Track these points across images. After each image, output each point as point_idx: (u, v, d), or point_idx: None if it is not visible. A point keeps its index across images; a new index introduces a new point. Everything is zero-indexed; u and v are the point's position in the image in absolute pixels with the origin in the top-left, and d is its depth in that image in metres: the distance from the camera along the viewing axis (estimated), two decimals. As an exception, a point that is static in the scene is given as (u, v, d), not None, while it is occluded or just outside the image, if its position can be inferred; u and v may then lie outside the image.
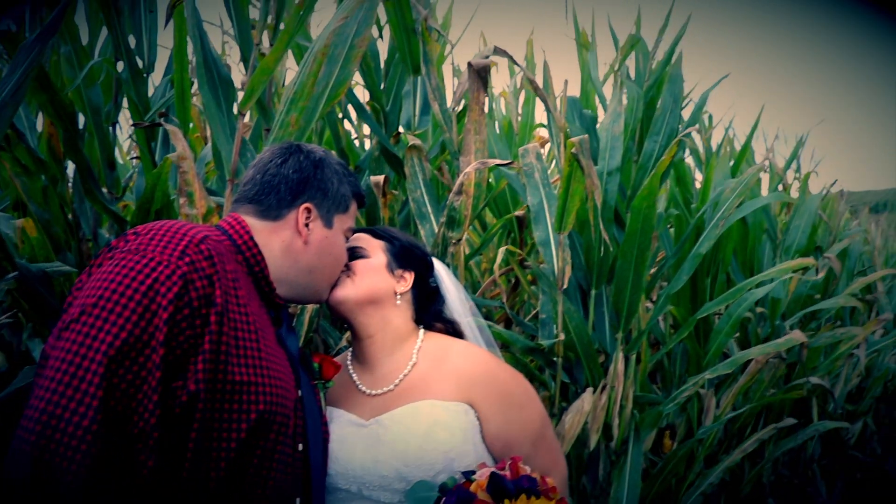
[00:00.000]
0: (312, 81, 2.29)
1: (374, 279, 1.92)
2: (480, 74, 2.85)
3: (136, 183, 3.30)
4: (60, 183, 2.92)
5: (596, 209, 2.87)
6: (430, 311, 2.02)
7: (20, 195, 2.83)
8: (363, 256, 1.94)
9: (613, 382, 3.10)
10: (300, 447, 1.72)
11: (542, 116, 4.56)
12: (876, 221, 10.04)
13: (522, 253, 3.75)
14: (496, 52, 2.92)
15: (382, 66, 3.50)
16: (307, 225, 1.77)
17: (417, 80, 3.36)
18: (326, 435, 1.85)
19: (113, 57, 2.95)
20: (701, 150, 5.12)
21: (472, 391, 1.86)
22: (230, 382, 1.53)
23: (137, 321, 1.43)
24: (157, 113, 2.97)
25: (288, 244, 1.76)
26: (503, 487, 1.62)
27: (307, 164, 1.79)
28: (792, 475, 5.45)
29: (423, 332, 1.98)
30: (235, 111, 2.50)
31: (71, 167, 2.91)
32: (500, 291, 3.95)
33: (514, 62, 3.00)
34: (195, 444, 1.49)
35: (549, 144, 4.08)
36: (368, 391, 1.93)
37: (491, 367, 1.92)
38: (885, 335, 6.54)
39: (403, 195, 3.37)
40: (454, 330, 2.03)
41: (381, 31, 3.53)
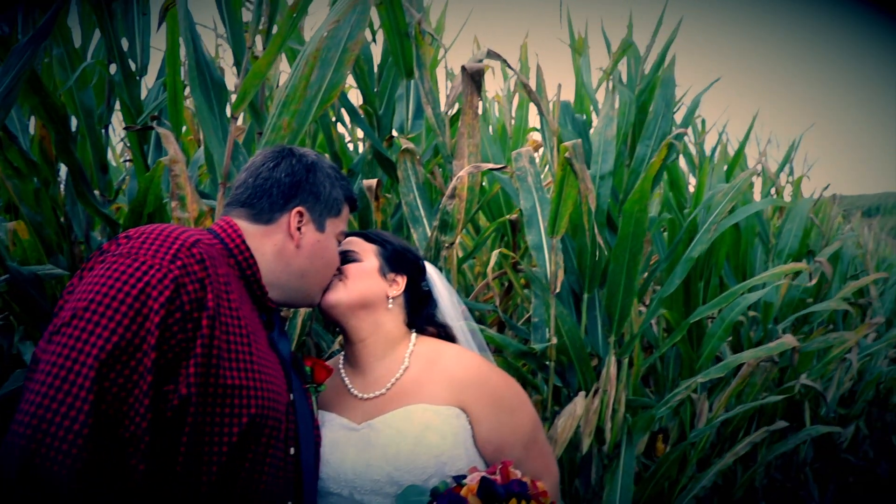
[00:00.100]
0: (304, 85, 2.29)
1: (366, 283, 1.92)
2: (474, 78, 2.85)
3: (128, 186, 3.30)
4: (52, 185, 2.91)
5: (590, 213, 2.87)
6: (422, 314, 2.01)
7: (12, 197, 2.82)
8: (355, 260, 1.94)
9: (606, 386, 3.10)
10: (292, 451, 1.72)
11: (535, 120, 4.57)
12: (868, 225, 10.07)
13: (516, 256, 3.75)
14: (490, 55, 2.92)
15: (376, 69, 3.49)
16: (299, 228, 1.76)
17: (411, 83, 3.35)
18: (318, 439, 1.85)
19: (106, 59, 2.95)
20: (694, 153, 5.14)
21: (463, 395, 1.86)
22: (222, 386, 1.53)
23: (129, 325, 1.43)
24: (149, 116, 2.96)
25: (280, 248, 1.76)
26: (494, 492, 1.62)
27: (299, 167, 1.79)
28: (784, 479, 5.46)
29: (415, 335, 1.98)
30: (229, 114, 2.49)
31: (63, 170, 2.90)
32: (493, 295, 3.95)
33: (507, 66, 3.00)
34: (187, 447, 1.49)
35: (542, 148, 4.08)
36: (360, 395, 1.92)
37: (483, 371, 1.92)
38: (877, 339, 6.55)
39: (396, 199, 3.37)
40: (446, 334, 2.02)
41: (374, 34, 3.54)
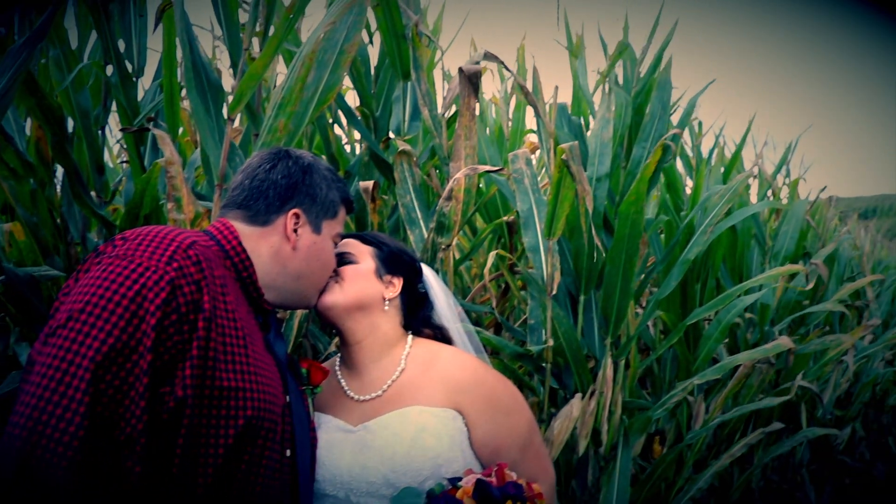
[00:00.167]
0: (301, 86, 2.29)
1: (362, 285, 1.92)
2: (472, 80, 2.85)
3: (125, 187, 3.29)
4: (49, 187, 2.90)
5: (587, 214, 2.87)
6: (418, 316, 2.02)
7: (8, 199, 2.81)
8: (351, 262, 1.94)
9: (602, 388, 3.10)
10: (288, 453, 1.72)
11: (533, 122, 4.57)
12: (865, 227, 10.10)
13: (512, 258, 3.75)
14: (487, 57, 2.92)
15: (373, 71, 3.49)
16: (296, 230, 1.76)
17: (407, 85, 3.35)
18: (314, 441, 1.85)
19: (102, 61, 2.94)
20: (691, 156, 5.14)
21: (459, 397, 1.86)
22: (218, 388, 1.53)
23: (125, 327, 1.42)
24: (145, 118, 2.96)
25: (276, 250, 1.75)
26: (489, 494, 1.62)
27: (296, 169, 1.79)
28: (781, 480, 5.47)
29: (411, 337, 1.98)
30: (225, 116, 2.49)
31: (60, 171, 2.90)
32: (489, 297, 3.95)
33: (505, 67, 3.00)
34: (183, 449, 1.49)
35: (539, 150, 4.08)
36: (356, 397, 1.92)
37: (479, 373, 1.92)
38: (873, 341, 6.56)
39: (393, 200, 3.37)
40: (443, 336, 2.03)
41: (371, 36, 3.53)
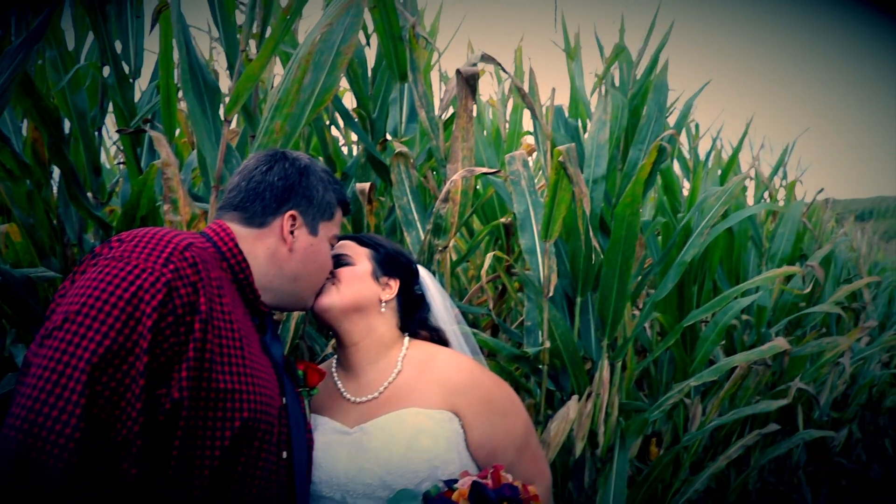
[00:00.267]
0: (297, 88, 2.29)
1: (358, 287, 1.92)
2: (469, 82, 2.85)
3: (121, 188, 3.29)
4: (45, 188, 2.90)
5: (584, 216, 2.87)
6: (415, 318, 2.01)
7: (4, 200, 2.81)
8: (348, 264, 1.94)
9: (599, 390, 3.10)
10: (284, 455, 1.72)
11: (530, 124, 4.56)
12: (861, 229, 10.11)
13: (510, 260, 3.75)
14: (484, 59, 2.92)
15: (370, 72, 3.49)
16: (292, 232, 1.76)
17: (404, 87, 3.35)
18: (311, 442, 1.85)
19: (99, 62, 2.94)
20: (689, 158, 5.15)
21: (456, 399, 1.86)
22: (214, 390, 1.53)
23: (121, 329, 1.42)
24: (142, 119, 2.96)
25: (273, 251, 1.76)
26: (485, 496, 1.62)
27: (292, 171, 1.79)
28: (777, 482, 5.47)
29: (408, 339, 1.98)
30: (222, 117, 2.49)
31: (56, 172, 2.89)
32: (486, 298, 3.95)
33: (502, 69, 3.00)
34: (179, 451, 1.49)
35: (535, 152, 4.09)
36: (353, 399, 1.92)
37: (475, 375, 1.92)
38: (870, 343, 6.57)
39: (390, 202, 3.37)
40: (439, 338, 2.02)
41: (368, 38, 3.53)
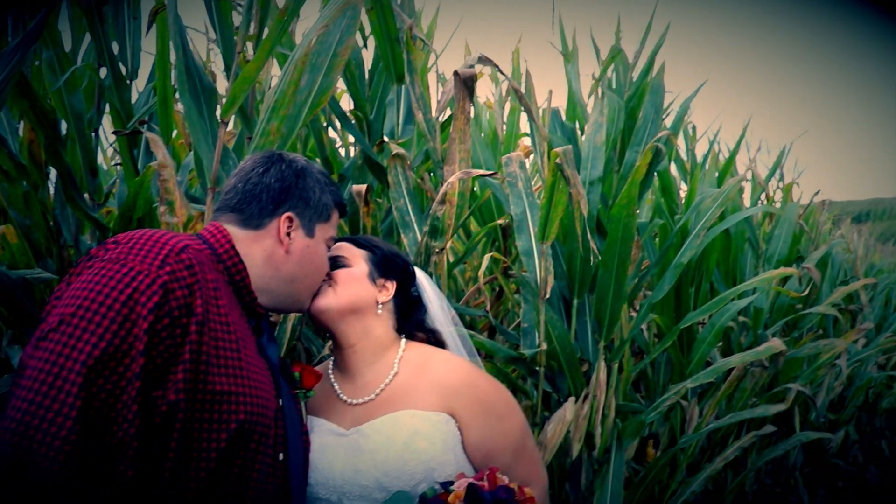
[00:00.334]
0: (294, 90, 2.28)
1: (355, 288, 1.92)
2: (466, 83, 2.85)
3: (118, 190, 3.28)
4: (42, 189, 2.90)
5: (581, 218, 2.87)
6: (411, 320, 2.01)
7: (1, 201, 2.81)
8: (345, 266, 1.94)
9: (595, 391, 3.10)
10: (280, 457, 1.71)
11: (527, 126, 4.56)
12: (858, 231, 10.12)
13: (506, 261, 3.75)
14: (481, 61, 2.92)
15: (366, 74, 3.49)
16: (288, 234, 1.76)
17: (401, 88, 3.35)
18: (307, 444, 1.85)
19: (96, 63, 2.94)
20: (686, 160, 5.15)
21: (452, 401, 1.86)
22: (210, 392, 1.53)
23: (117, 331, 1.42)
24: (139, 120, 2.96)
25: (269, 253, 1.75)
26: (480, 498, 1.62)
27: (289, 173, 1.79)
28: (774, 484, 5.47)
29: (404, 341, 1.98)
30: (218, 119, 2.49)
31: (53, 173, 2.89)
32: (483, 300, 3.95)
33: (499, 71, 3.00)
34: (175, 453, 1.49)
35: (532, 154, 4.09)
36: (349, 400, 1.92)
37: (472, 376, 1.92)
38: (867, 345, 6.57)
39: (387, 204, 3.37)
40: (436, 339, 2.02)
41: (365, 40, 3.53)
